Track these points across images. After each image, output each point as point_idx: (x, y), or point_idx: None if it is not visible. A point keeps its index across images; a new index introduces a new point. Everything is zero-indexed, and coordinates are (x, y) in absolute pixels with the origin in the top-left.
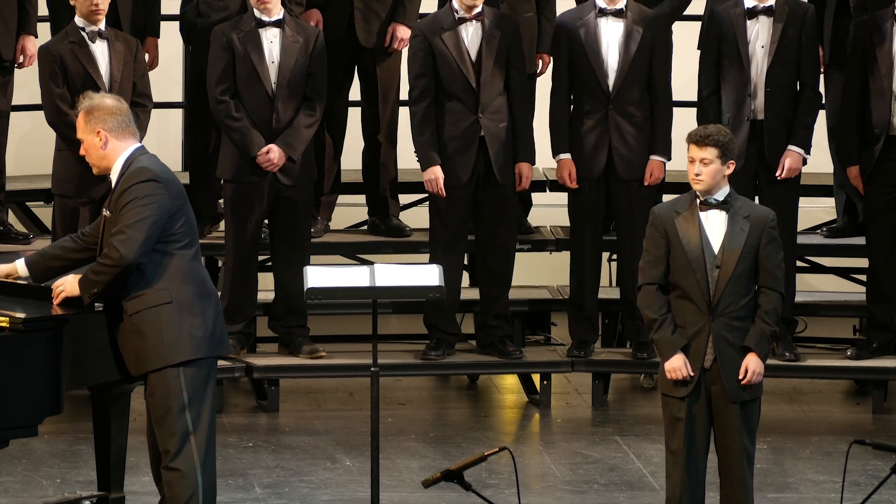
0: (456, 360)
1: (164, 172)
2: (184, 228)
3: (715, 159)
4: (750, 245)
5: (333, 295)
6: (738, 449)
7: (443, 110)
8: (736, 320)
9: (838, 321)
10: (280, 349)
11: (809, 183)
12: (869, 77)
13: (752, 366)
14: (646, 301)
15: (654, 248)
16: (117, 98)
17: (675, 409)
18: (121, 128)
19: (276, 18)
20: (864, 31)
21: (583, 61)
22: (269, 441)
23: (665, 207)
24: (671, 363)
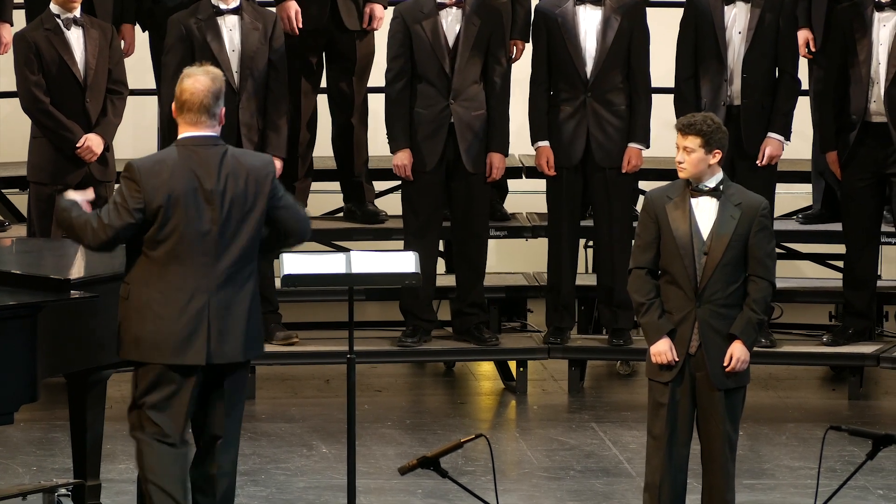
0: (432, 347)
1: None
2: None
3: (698, 148)
4: (739, 233)
5: (310, 282)
6: (720, 436)
7: (416, 94)
8: (723, 307)
9: (814, 307)
10: None
11: (785, 169)
12: (849, 64)
13: (737, 353)
14: (634, 285)
15: (645, 233)
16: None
17: (659, 394)
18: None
19: (233, 6)
20: (845, 17)
21: (561, 49)
22: (246, 428)
23: (658, 192)
24: (656, 347)
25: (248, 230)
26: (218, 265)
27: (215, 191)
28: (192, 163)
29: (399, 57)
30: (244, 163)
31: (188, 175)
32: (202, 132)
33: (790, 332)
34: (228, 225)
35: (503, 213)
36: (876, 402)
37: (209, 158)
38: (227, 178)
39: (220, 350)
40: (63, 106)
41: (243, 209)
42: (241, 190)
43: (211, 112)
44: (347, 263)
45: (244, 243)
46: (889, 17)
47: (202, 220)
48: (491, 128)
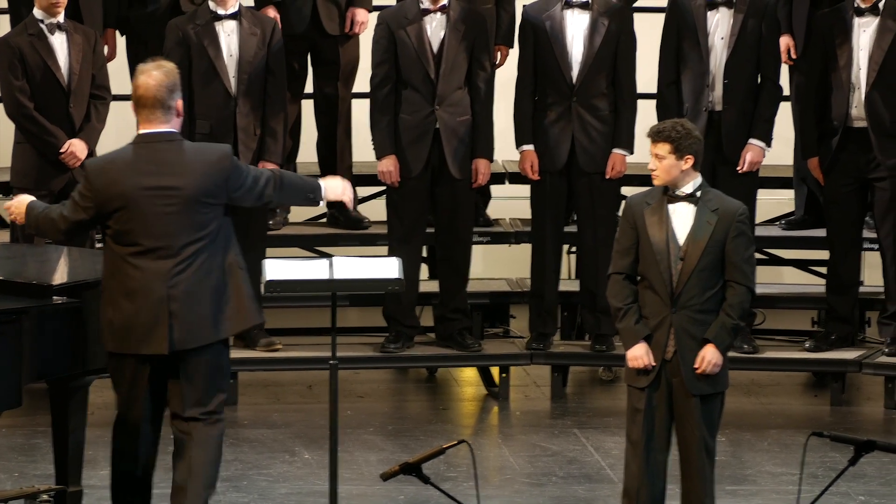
0: (415, 353)
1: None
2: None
3: (668, 154)
4: (716, 238)
5: (292, 287)
6: (696, 442)
7: (400, 100)
8: (699, 313)
9: (797, 313)
10: (235, 341)
11: (767, 175)
12: (829, 69)
13: (708, 356)
14: (613, 290)
15: (624, 239)
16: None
17: (636, 399)
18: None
19: (232, 11)
20: (825, 23)
21: (548, 53)
22: (228, 434)
23: (637, 198)
24: (632, 352)
25: (206, 221)
26: (175, 257)
27: (170, 186)
28: (145, 160)
29: (383, 63)
30: (199, 156)
31: (140, 172)
32: (156, 128)
33: (772, 338)
34: (185, 217)
35: (487, 218)
36: (858, 408)
37: (163, 153)
38: (181, 173)
39: (185, 337)
40: (47, 111)
41: (200, 201)
42: (197, 182)
43: (165, 106)
44: (330, 269)
45: (204, 234)
46: (869, 21)
47: (157, 215)
48: (476, 133)
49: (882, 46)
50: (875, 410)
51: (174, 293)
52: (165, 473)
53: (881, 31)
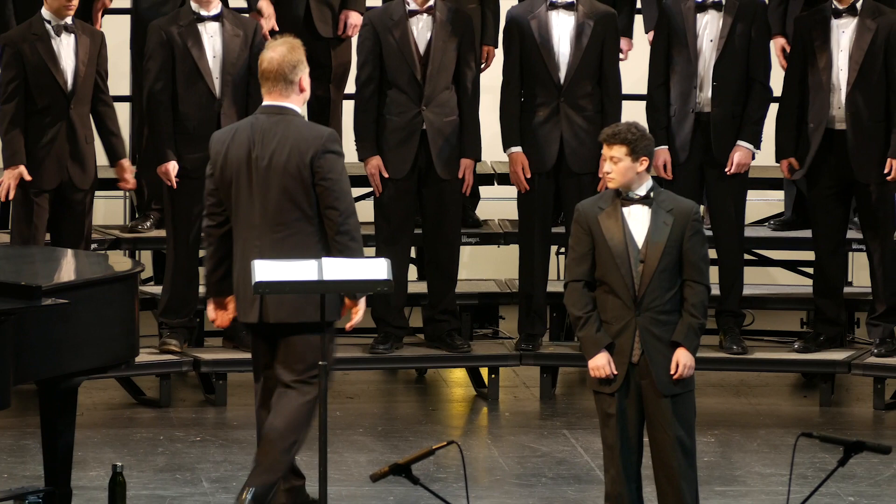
0: (404, 354)
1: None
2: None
3: (624, 157)
4: (673, 239)
5: (281, 289)
6: (671, 442)
7: (386, 101)
8: (662, 314)
9: (786, 314)
10: (224, 342)
11: (757, 176)
12: (809, 71)
13: (683, 359)
14: (571, 298)
15: (579, 245)
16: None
17: (606, 405)
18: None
19: (214, 12)
20: (804, 25)
21: (534, 54)
22: (217, 435)
23: (589, 203)
24: (594, 361)
25: (302, 198)
26: (264, 230)
27: (261, 157)
28: (253, 130)
29: (367, 64)
30: (301, 132)
31: (247, 142)
32: (272, 101)
33: (762, 339)
34: (281, 191)
35: (475, 219)
36: (847, 409)
37: (272, 125)
38: (274, 146)
39: (273, 311)
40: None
41: (294, 176)
42: (284, 159)
43: (287, 80)
44: (319, 271)
45: (300, 211)
46: (847, 22)
47: (250, 186)
48: (463, 133)
49: (861, 46)
50: (864, 411)
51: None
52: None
53: (860, 31)
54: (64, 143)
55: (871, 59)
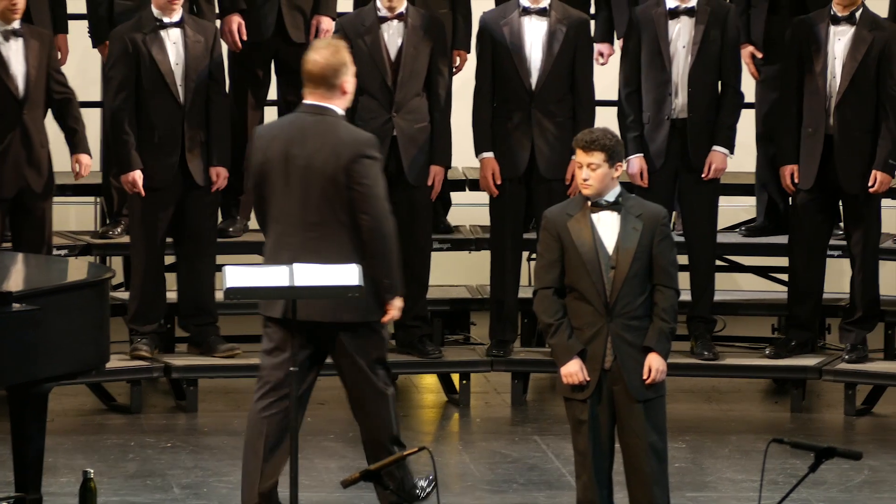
0: None
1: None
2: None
3: (602, 163)
4: (643, 244)
5: (253, 295)
6: (644, 447)
7: (357, 107)
8: (633, 320)
9: (757, 320)
10: (190, 348)
11: (728, 182)
12: (804, 77)
13: (655, 364)
14: (541, 306)
15: (548, 252)
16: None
17: (578, 411)
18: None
19: (176, 19)
20: (801, 30)
21: (506, 60)
22: (188, 441)
23: (556, 210)
24: (567, 368)
25: (337, 200)
26: (301, 229)
27: (299, 156)
28: (293, 128)
29: None
30: (340, 135)
31: (283, 140)
32: (314, 101)
33: (733, 345)
34: (315, 192)
35: (446, 225)
36: (818, 415)
37: (311, 125)
38: (313, 147)
39: (305, 308)
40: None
41: (329, 178)
42: (321, 160)
43: (329, 83)
44: (290, 276)
45: (334, 212)
46: (845, 30)
47: (286, 184)
48: (434, 140)
49: (856, 57)
50: (835, 417)
51: (293, 262)
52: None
53: (856, 42)
54: (20, 149)
55: (864, 70)
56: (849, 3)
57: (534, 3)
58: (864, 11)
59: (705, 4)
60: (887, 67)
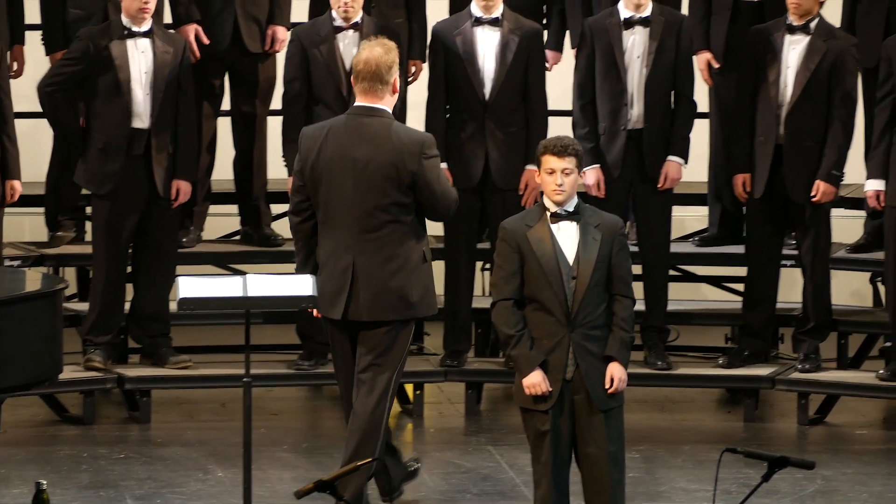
0: (329, 370)
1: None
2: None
3: (574, 169)
4: (603, 254)
5: (206, 305)
6: (605, 457)
7: (313, 117)
8: (594, 329)
9: (710, 330)
10: (143, 360)
11: (682, 192)
12: (758, 85)
13: (618, 373)
14: (501, 317)
15: (508, 264)
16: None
17: (540, 422)
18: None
19: (145, 29)
20: (757, 38)
21: (459, 70)
22: (141, 452)
23: (515, 221)
24: (530, 379)
25: (393, 201)
26: (359, 229)
27: (359, 159)
28: (348, 130)
29: (295, 79)
30: (395, 136)
31: (339, 141)
32: (369, 102)
33: (686, 355)
34: (371, 193)
35: None
36: (771, 425)
37: (366, 127)
38: (373, 149)
39: (359, 308)
40: None
41: (388, 179)
42: (383, 162)
43: (383, 81)
44: (244, 287)
45: (390, 214)
46: (799, 40)
47: (345, 186)
48: None
49: (809, 67)
50: (788, 426)
51: (356, 266)
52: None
53: (810, 51)
54: None
55: (816, 80)
56: (804, 13)
57: (486, 13)
58: (820, 21)
59: (659, 15)
60: (839, 78)
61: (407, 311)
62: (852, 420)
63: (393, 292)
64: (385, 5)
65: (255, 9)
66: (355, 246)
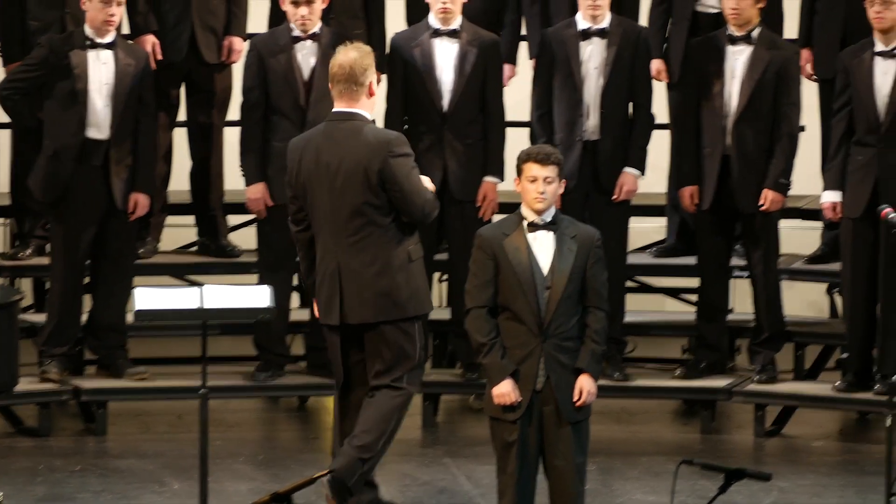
0: (285, 382)
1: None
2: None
3: (556, 177)
4: (578, 266)
5: (163, 317)
6: (571, 469)
7: (270, 127)
8: (567, 340)
9: (667, 341)
10: (99, 371)
11: (639, 203)
12: (703, 96)
13: (587, 386)
14: (475, 325)
15: (483, 272)
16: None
17: (507, 433)
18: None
19: (108, 40)
20: (700, 49)
21: (417, 82)
22: (97, 465)
23: (491, 229)
24: (500, 388)
25: (372, 204)
26: (340, 234)
27: (331, 163)
28: (324, 137)
29: (253, 89)
30: (366, 139)
31: (316, 148)
32: (344, 107)
33: (643, 366)
34: (350, 197)
35: None
36: (728, 436)
37: (337, 132)
38: (344, 153)
39: (353, 311)
40: None
41: (362, 182)
42: (352, 164)
43: (358, 83)
44: (201, 298)
45: (369, 216)
46: (742, 50)
47: (325, 191)
48: None
49: (753, 76)
50: (745, 438)
51: (342, 270)
52: None
53: (753, 61)
54: None
55: (761, 90)
56: (743, 22)
57: (445, 24)
58: (762, 31)
59: (617, 26)
60: (784, 87)
61: (395, 311)
62: (809, 432)
63: (379, 293)
64: (344, 16)
65: (211, 19)
66: (338, 251)
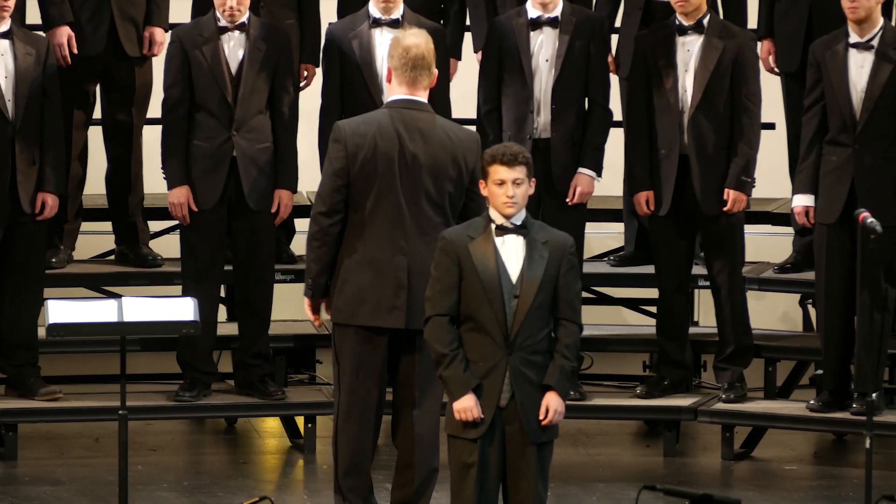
0: (212, 402)
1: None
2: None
3: (525, 179)
4: (549, 274)
5: (77, 331)
6: (533, 493)
7: (195, 125)
8: (535, 354)
9: (627, 356)
10: (8, 391)
11: (596, 207)
12: (654, 93)
13: (554, 405)
14: (435, 334)
15: (446, 277)
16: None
17: (466, 453)
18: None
19: (3, 30)
20: (647, 43)
21: (356, 76)
22: (6, 492)
23: (457, 232)
24: (461, 403)
25: (447, 198)
26: (412, 232)
27: (418, 155)
28: (402, 126)
29: (176, 84)
30: (452, 133)
31: (393, 138)
32: (413, 95)
33: (601, 384)
34: (424, 189)
35: (290, 255)
36: (693, 459)
37: (415, 121)
38: (427, 145)
39: (418, 315)
40: None
41: (441, 176)
42: (441, 160)
43: (431, 70)
44: (119, 311)
45: (435, 213)
46: (693, 40)
47: (397, 184)
48: (278, 162)
49: (707, 67)
50: (712, 461)
51: (412, 268)
52: None
53: (706, 51)
54: None
55: (717, 81)
56: (691, 10)
57: (386, 14)
58: (712, 18)
59: (570, 14)
60: (741, 76)
61: None
62: (781, 454)
63: None
64: (275, 5)
65: (132, 9)
66: (407, 246)
